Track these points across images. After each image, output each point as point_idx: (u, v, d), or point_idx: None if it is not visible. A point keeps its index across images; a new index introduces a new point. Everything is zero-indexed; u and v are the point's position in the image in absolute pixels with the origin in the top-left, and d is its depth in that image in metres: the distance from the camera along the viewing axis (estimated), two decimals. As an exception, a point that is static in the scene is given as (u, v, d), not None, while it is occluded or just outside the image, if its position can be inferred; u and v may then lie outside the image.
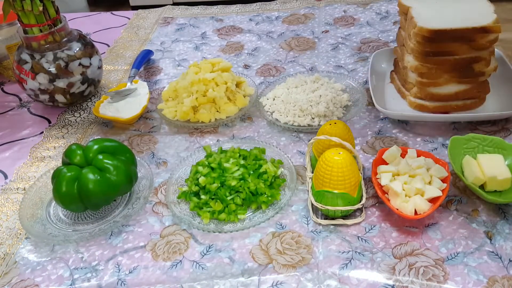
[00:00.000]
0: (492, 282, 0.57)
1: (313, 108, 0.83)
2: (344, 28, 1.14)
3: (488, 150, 0.71)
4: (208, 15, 1.29)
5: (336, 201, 0.64)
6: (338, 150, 0.63)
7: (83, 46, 0.92)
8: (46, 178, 0.76)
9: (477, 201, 0.67)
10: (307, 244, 0.64)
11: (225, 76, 0.88)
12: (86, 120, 0.93)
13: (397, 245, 0.62)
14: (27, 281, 0.63)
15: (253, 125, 0.87)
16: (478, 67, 0.78)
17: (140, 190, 0.74)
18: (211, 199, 0.68)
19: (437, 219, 0.65)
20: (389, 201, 0.65)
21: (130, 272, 0.63)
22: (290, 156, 0.76)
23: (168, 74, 1.05)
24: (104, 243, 0.67)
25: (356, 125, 0.83)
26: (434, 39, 0.75)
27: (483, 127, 0.80)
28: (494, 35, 0.76)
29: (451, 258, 0.60)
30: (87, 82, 0.93)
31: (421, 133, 0.80)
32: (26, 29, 0.87)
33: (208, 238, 0.66)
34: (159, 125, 0.89)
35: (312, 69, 1.00)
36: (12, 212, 0.74)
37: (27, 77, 0.89)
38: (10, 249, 0.68)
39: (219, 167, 0.71)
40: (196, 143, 0.84)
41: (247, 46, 1.12)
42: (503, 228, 0.63)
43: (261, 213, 0.68)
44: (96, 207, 0.69)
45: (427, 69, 0.79)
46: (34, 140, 0.89)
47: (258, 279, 0.60)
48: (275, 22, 1.21)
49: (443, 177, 0.66)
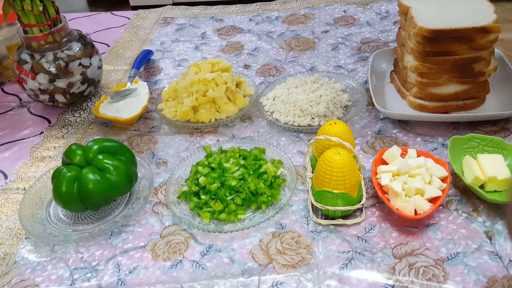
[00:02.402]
0: (492, 282, 0.57)
1: (313, 108, 0.83)
2: (344, 28, 1.14)
3: (488, 150, 0.71)
4: (208, 15, 1.29)
5: (336, 201, 0.64)
6: (338, 150, 0.63)
7: (83, 46, 0.92)
8: (46, 178, 0.76)
9: (477, 201, 0.67)
10: (307, 244, 0.64)
11: (225, 76, 0.88)
12: (86, 120, 0.93)
13: (397, 245, 0.62)
14: (27, 281, 0.63)
15: (253, 125, 0.87)
16: (478, 67, 0.78)
17: (140, 190, 0.74)
18: (211, 199, 0.68)
19: (437, 219, 0.65)
20: (389, 201, 0.65)
21: (130, 272, 0.63)
22: (290, 156, 0.76)
23: (168, 74, 1.05)
24: (104, 243, 0.67)
25: (356, 125, 0.83)
26: (434, 39, 0.75)
27: (483, 127, 0.80)
28: (494, 35, 0.76)
29: (451, 258, 0.60)
30: (87, 82, 0.93)
31: (421, 133, 0.80)
32: (26, 29, 0.87)
33: (208, 238, 0.66)
34: (159, 125, 0.89)
35: (312, 69, 1.00)
36: (12, 212, 0.74)
37: (27, 77, 0.89)
38: (10, 249, 0.68)
39: (219, 167, 0.71)
40: (196, 143, 0.84)
41: (247, 46, 1.12)
42: (503, 228, 0.63)
43: (261, 213, 0.68)
44: (96, 207, 0.69)
45: (427, 69, 0.79)
46: (34, 140, 0.89)
47: (258, 279, 0.60)
48: (275, 22, 1.21)
49: (443, 177, 0.66)
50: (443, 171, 0.67)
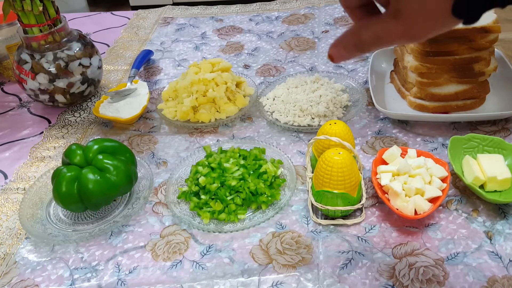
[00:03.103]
0: (492, 282, 0.57)
1: (313, 108, 0.83)
2: (344, 28, 1.14)
3: (488, 150, 0.71)
4: (208, 15, 1.29)
5: (336, 201, 0.64)
6: (338, 150, 0.63)
7: (83, 46, 0.92)
8: (46, 178, 0.76)
9: (477, 201, 0.67)
10: (307, 244, 0.64)
11: (225, 76, 0.88)
12: (86, 120, 0.93)
13: (397, 245, 0.62)
14: (27, 281, 0.63)
15: (253, 125, 0.87)
16: (478, 67, 0.78)
17: (140, 190, 0.74)
18: (211, 199, 0.68)
19: (437, 219, 0.65)
20: (389, 201, 0.65)
21: (130, 272, 0.63)
22: (290, 156, 0.76)
23: (168, 74, 1.05)
24: (104, 243, 0.67)
25: (356, 125, 0.83)
26: (434, 39, 0.75)
27: (483, 127, 0.80)
28: (494, 35, 0.76)
29: (451, 258, 0.60)
30: (87, 82, 0.93)
31: (421, 133, 0.80)
32: (26, 29, 0.87)
33: (208, 238, 0.66)
34: (159, 125, 0.89)
35: (312, 69, 1.00)
36: (12, 212, 0.74)
37: (27, 77, 0.89)
38: (10, 249, 0.68)
39: (219, 167, 0.71)
40: (196, 143, 0.84)
41: (247, 46, 1.12)
42: (503, 228, 0.63)
43: (261, 213, 0.68)
44: (96, 207, 0.69)
45: (427, 69, 0.79)
46: (34, 140, 0.89)
47: (258, 279, 0.60)
48: (275, 22, 1.21)
49: (443, 177, 0.66)
50: (443, 171, 0.67)
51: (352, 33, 0.39)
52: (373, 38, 0.38)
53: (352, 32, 0.39)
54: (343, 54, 0.40)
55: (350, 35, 0.39)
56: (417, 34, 0.36)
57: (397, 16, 0.35)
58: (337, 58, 0.40)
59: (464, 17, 0.33)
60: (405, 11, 0.35)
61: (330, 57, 0.41)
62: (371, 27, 0.37)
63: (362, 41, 0.38)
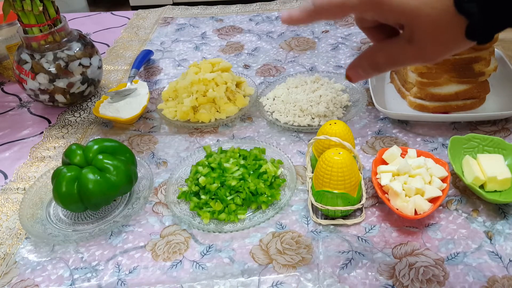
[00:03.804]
0: (492, 282, 0.57)
1: (313, 108, 0.83)
2: (344, 28, 1.14)
3: (488, 150, 0.71)
4: (208, 15, 1.29)
5: (336, 201, 0.64)
6: (338, 150, 0.63)
7: (83, 46, 0.92)
8: (46, 178, 0.76)
9: (477, 201, 0.67)
10: (307, 244, 0.64)
11: (225, 76, 0.88)
12: (86, 120, 0.93)
13: (397, 245, 0.62)
14: (27, 281, 0.63)
15: (253, 125, 0.87)
16: (478, 67, 0.78)
17: (140, 190, 0.74)
18: (211, 199, 0.68)
19: (437, 219, 0.65)
20: (389, 201, 0.65)
21: (130, 272, 0.63)
22: (290, 156, 0.76)
23: (168, 74, 1.05)
24: (104, 243, 0.67)
25: (356, 125, 0.83)
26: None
27: (483, 127, 0.80)
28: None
29: (451, 258, 0.60)
30: (87, 82, 0.93)
31: (421, 133, 0.80)
32: (26, 29, 0.87)
33: (208, 238, 0.66)
34: (159, 125, 0.89)
35: (312, 69, 1.00)
36: (12, 212, 0.74)
37: (27, 77, 0.89)
38: (10, 249, 0.68)
39: (219, 167, 0.71)
40: (196, 143, 0.84)
41: (247, 46, 1.12)
42: (503, 228, 0.63)
43: (261, 213, 0.68)
44: (96, 207, 0.69)
45: (427, 69, 0.79)
46: (34, 140, 0.89)
47: (258, 279, 0.60)
48: (275, 22, 1.21)
49: (443, 177, 0.66)
50: (443, 171, 0.67)
51: (369, 55, 0.41)
52: (388, 60, 0.40)
53: (369, 54, 0.41)
54: (361, 74, 0.43)
55: (367, 57, 0.42)
56: (431, 57, 0.38)
57: (412, 41, 0.37)
58: (355, 78, 0.43)
59: (478, 39, 0.35)
60: (419, 36, 0.36)
61: (348, 78, 0.43)
62: (386, 50, 0.40)
63: (378, 63, 0.41)
